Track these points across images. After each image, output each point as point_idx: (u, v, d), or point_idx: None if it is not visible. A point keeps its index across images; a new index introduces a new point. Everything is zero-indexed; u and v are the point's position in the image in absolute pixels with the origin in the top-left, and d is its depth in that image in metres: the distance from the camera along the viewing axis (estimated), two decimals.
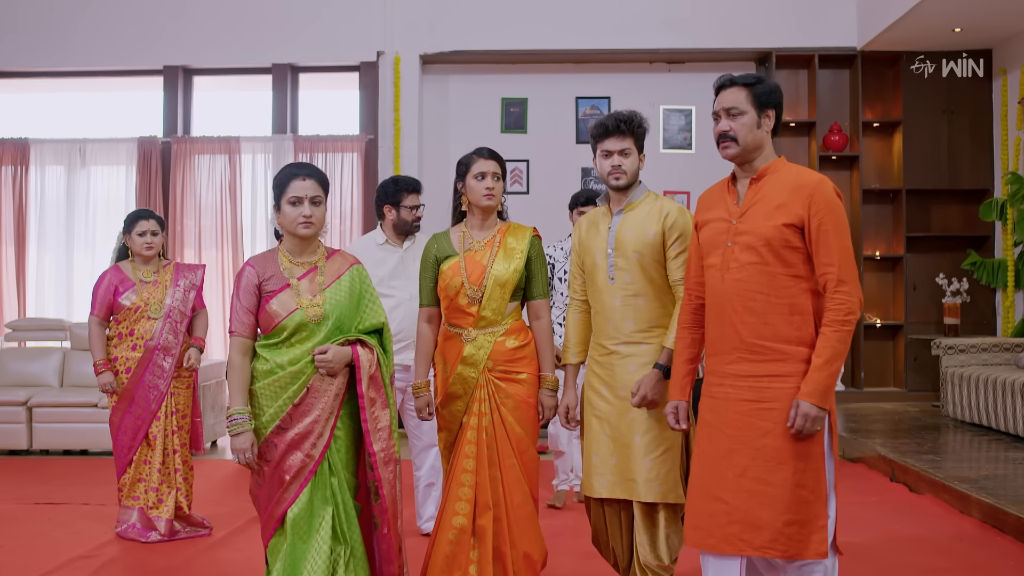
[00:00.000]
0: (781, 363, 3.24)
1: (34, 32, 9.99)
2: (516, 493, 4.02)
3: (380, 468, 3.65)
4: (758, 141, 3.36)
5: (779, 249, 3.25)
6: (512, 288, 4.10)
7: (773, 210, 3.27)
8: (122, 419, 5.53)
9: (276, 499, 3.61)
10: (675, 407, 3.60)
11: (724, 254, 3.35)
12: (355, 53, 9.91)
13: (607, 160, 3.96)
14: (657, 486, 3.83)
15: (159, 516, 5.49)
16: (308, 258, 3.76)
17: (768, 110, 3.38)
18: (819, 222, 3.21)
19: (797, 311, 3.25)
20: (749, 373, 3.28)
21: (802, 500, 3.19)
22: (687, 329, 3.59)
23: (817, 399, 3.15)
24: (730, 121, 3.35)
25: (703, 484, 3.35)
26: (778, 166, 3.38)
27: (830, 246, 3.20)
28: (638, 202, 4.00)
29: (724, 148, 3.38)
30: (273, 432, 3.61)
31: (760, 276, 3.27)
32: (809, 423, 3.15)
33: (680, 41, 9.76)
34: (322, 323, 3.64)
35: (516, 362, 4.10)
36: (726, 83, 3.41)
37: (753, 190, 3.35)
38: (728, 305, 3.32)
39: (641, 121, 3.98)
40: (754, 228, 3.29)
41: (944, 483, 6.00)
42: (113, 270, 5.65)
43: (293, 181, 3.69)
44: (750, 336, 3.27)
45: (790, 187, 3.29)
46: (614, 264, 3.95)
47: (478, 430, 4.05)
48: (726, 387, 3.33)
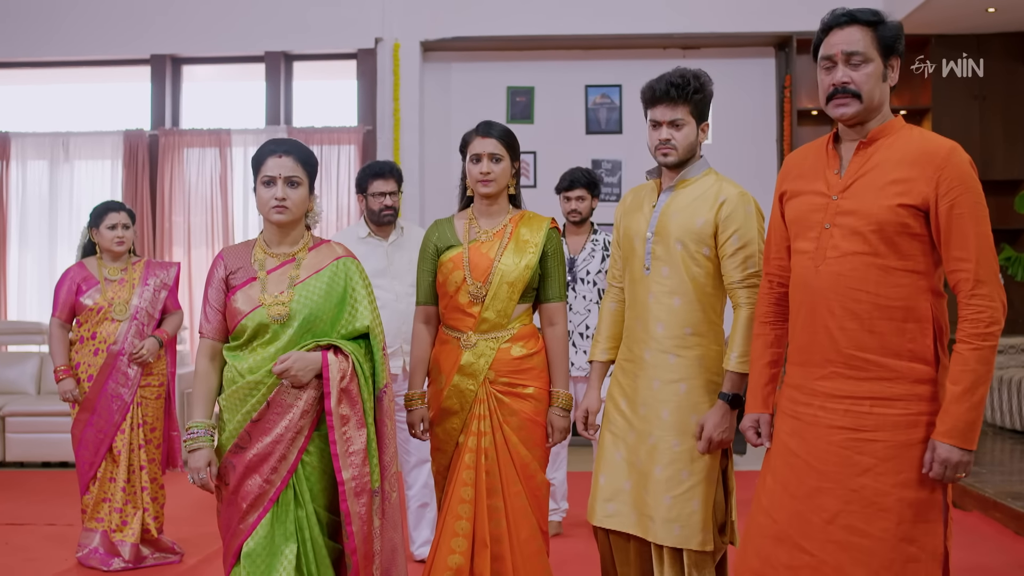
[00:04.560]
0: (888, 383, 2.59)
1: (14, 21, 9.53)
2: (523, 527, 3.43)
3: (349, 500, 3.05)
4: (882, 98, 2.66)
5: (893, 236, 2.57)
6: (522, 287, 3.52)
7: (888, 185, 2.59)
8: (83, 431, 5.00)
9: (233, 530, 3.07)
10: (755, 421, 2.94)
11: (820, 238, 2.67)
12: (352, 40, 9.44)
13: (655, 132, 3.31)
14: (677, 528, 3.20)
15: (123, 540, 4.94)
16: (287, 249, 3.23)
17: (893, 58, 2.67)
18: (951, 203, 2.52)
19: (912, 317, 2.58)
20: (846, 393, 2.62)
21: (909, 559, 2.55)
22: (768, 324, 2.96)
23: (958, 439, 2.49)
24: (851, 70, 2.63)
25: (779, 526, 2.70)
26: (895, 127, 2.68)
27: (965, 235, 2.52)
28: (693, 180, 3.34)
29: (840, 106, 2.65)
30: (231, 451, 3.07)
31: (867, 270, 2.59)
32: (951, 470, 2.51)
33: (695, 25, 9.26)
34: (287, 324, 3.09)
35: (522, 373, 3.51)
36: (842, 20, 2.67)
37: (861, 157, 2.66)
38: (823, 304, 2.66)
39: (701, 84, 3.30)
40: (862, 207, 2.60)
41: (995, 500, 5.44)
42: (76, 267, 5.12)
43: (268, 159, 3.17)
44: (849, 346, 2.62)
45: (913, 156, 2.59)
46: (652, 252, 3.32)
47: (477, 452, 3.47)
48: (815, 408, 2.68)
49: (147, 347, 5.00)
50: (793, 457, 2.70)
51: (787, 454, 2.73)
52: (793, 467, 2.70)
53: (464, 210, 3.71)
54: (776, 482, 2.74)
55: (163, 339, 5.09)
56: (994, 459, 6.72)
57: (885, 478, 2.56)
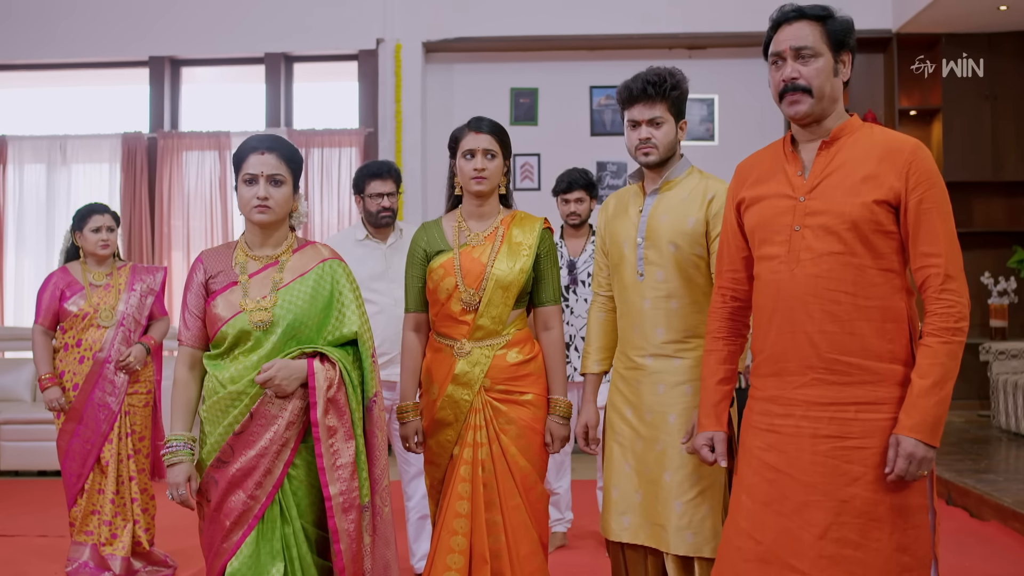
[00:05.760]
0: (872, 387, 2.50)
1: (11, 23, 9.41)
2: (523, 542, 3.28)
3: (337, 517, 2.88)
4: (834, 94, 2.63)
5: (868, 234, 2.51)
6: (517, 292, 3.38)
7: (858, 183, 2.54)
8: (70, 442, 4.82)
9: (216, 549, 2.90)
10: (709, 439, 2.85)
11: (790, 241, 2.59)
12: (353, 41, 9.31)
13: (634, 132, 3.25)
14: (690, 536, 3.08)
15: (113, 554, 4.77)
16: (270, 251, 3.07)
17: (844, 53, 2.64)
18: (920, 198, 2.49)
19: (891, 317, 2.52)
20: (830, 400, 2.53)
21: (904, 568, 2.46)
22: (721, 339, 2.87)
23: (925, 434, 2.42)
24: (800, 65, 2.59)
25: (764, 547, 2.57)
26: (855, 125, 2.65)
27: (934, 231, 2.48)
28: (678, 180, 3.28)
29: (793, 103, 2.61)
30: (213, 466, 2.91)
31: (844, 270, 2.52)
32: (915, 466, 2.42)
33: (701, 25, 9.12)
34: (270, 330, 2.92)
35: (519, 380, 3.37)
36: (791, 15, 2.64)
37: (825, 157, 2.61)
38: (800, 308, 2.56)
39: (677, 82, 3.24)
40: (834, 206, 2.54)
41: (1014, 510, 5.25)
42: (60, 272, 4.95)
43: (250, 156, 3.01)
44: (831, 350, 2.52)
45: (879, 152, 2.55)
46: (644, 257, 3.23)
47: (473, 464, 3.32)
48: (796, 419, 2.57)
49: (134, 354, 4.84)
50: (773, 473, 2.59)
51: (765, 470, 2.61)
52: (775, 483, 2.59)
53: (452, 211, 3.57)
54: (755, 501, 2.63)
55: (150, 346, 4.93)
56: (1010, 466, 6.55)
57: (876, 486, 2.48)
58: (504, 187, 3.52)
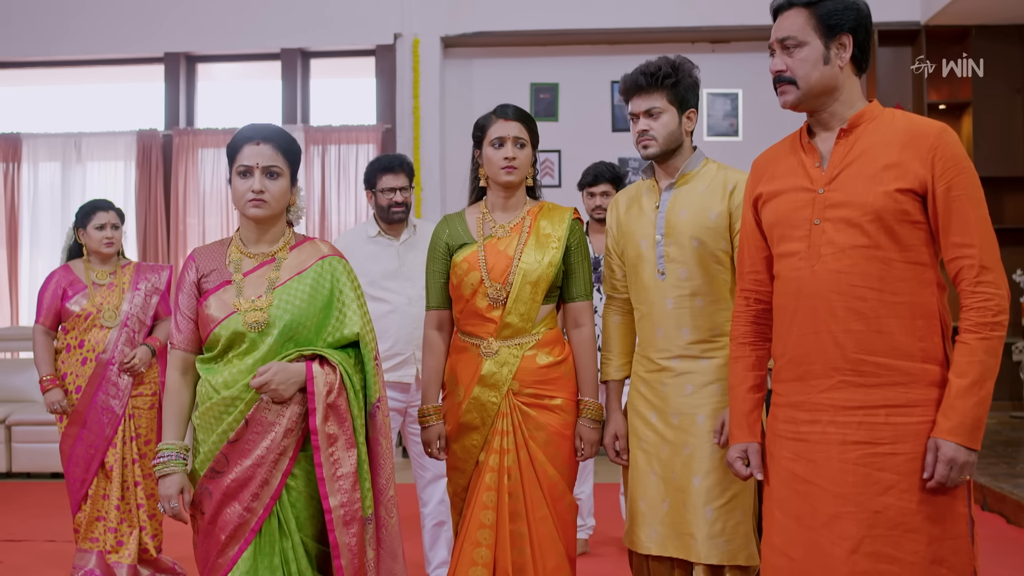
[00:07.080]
0: (903, 388, 2.35)
1: (24, 20, 9.33)
2: (550, 555, 3.12)
3: (337, 530, 2.72)
4: (827, 82, 2.49)
5: (894, 225, 2.36)
6: (546, 287, 3.22)
7: (880, 171, 2.39)
8: (73, 446, 4.68)
9: (212, 564, 2.75)
10: (743, 451, 2.68)
11: (810, 236, 2.45)
12: (370, 36, 9.18)
13: (634, 125, 3.14)
14: (723, 544, 2.94)
15: (119, 562, 4.63)
16: (266, 248, 2.91)
17: (841, 36, 2.48)
18: (948, 185, 2.33)
19: (921, 313, 2.36)
20: (858, 403, 2.37)
21: None
22: (747, 345, 2.71)
23: (965, 437, 2.26)
24: (786, 56, 2.51)
25: (797, 564, 2.43)
26: (875, 112, 2.50)
27: (966, 219, 2.32)
28: (694, 173, 3.14)
29: (781, 94, 2.55)
30: (207, 476, 2.75)
31: (868, 264, 2.37)
32: (956, 472, 2.27)
33: (724, 18, 8.94)
34: (266, 332, 2.76)
35: (549, 383, 3.21)
36: (781, 5, 2.54)
37: (844, 145, 2.47)
38: (823, 307, 2.41)
39: (676, 70, 3.11)
40: (855, 197, 2.40)
41: None
42: (62, 270, 4.82)
43: (244, 146, 2.87)
44: (857, 350, 2.37)
45: (902, 138, 2.40)
46: (664, 255, 3.09)
47: (499, 472, 3.16)
48: (823, 425, 2.41)
49: (139, 356, 4.70)
50: (802, 484, 2.45)
51: (794, 481, 2.47)
52: (804, 495, 2.44)
53: (476, 204, 3.42)
54: (786, 515, 2.48)
55: (155, 347, 4.79)
56: None
57: (910, 495, 2.32)
58: (532, 178, 3.37)
